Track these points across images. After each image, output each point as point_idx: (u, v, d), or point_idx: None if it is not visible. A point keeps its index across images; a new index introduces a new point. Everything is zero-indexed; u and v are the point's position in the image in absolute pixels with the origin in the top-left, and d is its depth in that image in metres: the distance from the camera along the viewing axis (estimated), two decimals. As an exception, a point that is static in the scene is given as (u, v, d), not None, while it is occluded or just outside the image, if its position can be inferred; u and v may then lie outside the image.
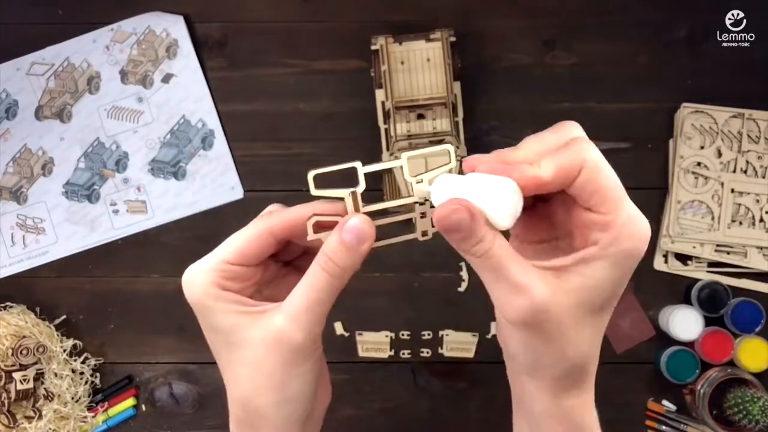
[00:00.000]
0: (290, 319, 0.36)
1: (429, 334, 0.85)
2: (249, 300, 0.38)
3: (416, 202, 0.38)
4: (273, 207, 0.40)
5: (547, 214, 0.39)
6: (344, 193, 0.37)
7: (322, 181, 0.36)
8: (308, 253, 0.42)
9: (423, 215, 0.38)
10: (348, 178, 0.37)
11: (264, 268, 0.41)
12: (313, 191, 0.37)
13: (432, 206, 0.37)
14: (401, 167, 0.38)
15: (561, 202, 0.37)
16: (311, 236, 0.37)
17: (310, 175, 0.36)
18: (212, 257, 0.38)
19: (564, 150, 0.34)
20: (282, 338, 0.36)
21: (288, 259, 0.43)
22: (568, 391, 0.38)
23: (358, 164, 0.37)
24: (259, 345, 0.37)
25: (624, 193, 0.35)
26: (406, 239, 0.39)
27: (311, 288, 0.37)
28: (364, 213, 0.37)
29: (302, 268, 0.38)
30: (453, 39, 0.80)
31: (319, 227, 0.37)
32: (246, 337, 0.37)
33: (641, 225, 0.35)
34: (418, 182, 0.37)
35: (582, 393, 0.39)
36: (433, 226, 0.37)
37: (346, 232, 0.36)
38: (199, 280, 0.38)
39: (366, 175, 0.37)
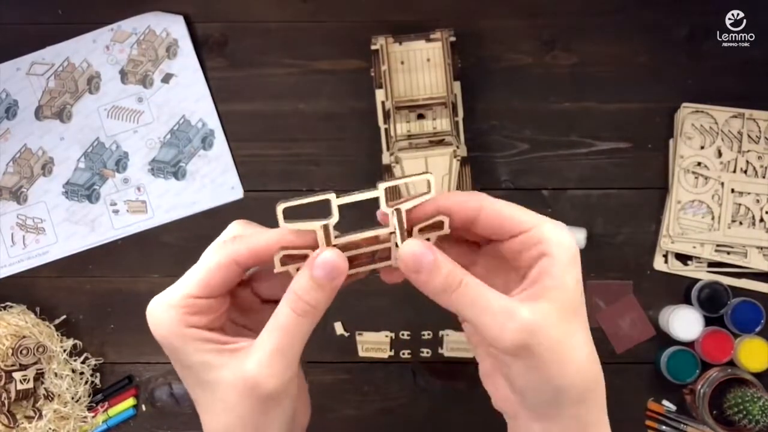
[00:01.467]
0: (261, 366, 0.34)
1: (429, 334, 0.85)
2: (219, 336, 0.36)
3: (392, 232, 0.36)
4: (237, 227, 0.37)
5: (501, 256, 0.38)
6: (315, 225, 0.34)
7: (291, 212, 0.34)
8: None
9: (398, 245, 0.35)
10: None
11: (234, 295, 0.38)
12: (282, 224, 0.34)
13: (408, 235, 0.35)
14: (383, 193, 0.35)
15: (507, 248, 0.37)
16: (278, 269, 0.35)
17: (279, 207, 0.33)
18: (174, 291, 0.35)
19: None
20: (253, 386, 0.34)
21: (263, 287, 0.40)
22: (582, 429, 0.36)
23: (332, 196, 0.34)
24: (229, 388, 0.34)
25: (533, 213, 0.36)
26: (381, 266, 0.37)
27: (281, 330, 0.34)
28: (335, 245, 0.35)
29: (279, 297, 0.36)
30: (453, 39, 0.80)
31: (288, 258, 0.35)
32: (217, 376, 0.34)
33: (560, 227, 0.36)
34: (393, 213, 0.35)
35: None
36: None
37: (317, 268, 0.34)
38: (164, 317, 0.35)
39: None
